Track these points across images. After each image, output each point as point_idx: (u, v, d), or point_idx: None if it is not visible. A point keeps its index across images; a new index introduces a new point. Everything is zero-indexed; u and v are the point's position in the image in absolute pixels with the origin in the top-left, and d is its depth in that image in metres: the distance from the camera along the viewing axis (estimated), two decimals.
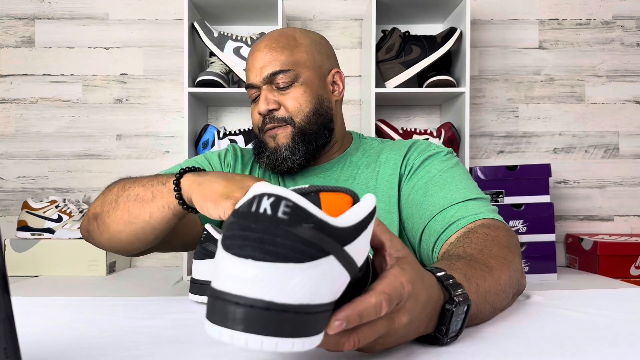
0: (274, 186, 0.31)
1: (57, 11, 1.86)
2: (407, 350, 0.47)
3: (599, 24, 1.89)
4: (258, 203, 0.30)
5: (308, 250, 0.30)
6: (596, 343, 0.50)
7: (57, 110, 1.86)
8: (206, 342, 0.50)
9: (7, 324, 0.31)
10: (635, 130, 1.89)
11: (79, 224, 1.64)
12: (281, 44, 0.89)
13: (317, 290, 0.31)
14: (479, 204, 0.78)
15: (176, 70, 1.85)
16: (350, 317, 0.34)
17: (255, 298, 0.29)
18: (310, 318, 0.31)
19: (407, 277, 0.39)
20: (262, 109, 0.88)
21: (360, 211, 0.35)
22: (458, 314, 0.46)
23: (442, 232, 0.76)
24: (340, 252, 0.32)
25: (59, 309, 0.63)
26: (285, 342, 0.30)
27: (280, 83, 0.88)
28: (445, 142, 1.68)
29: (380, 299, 0.36)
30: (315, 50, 0.92)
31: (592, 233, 1.86)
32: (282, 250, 0.29)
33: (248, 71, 0.92)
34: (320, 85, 0.92)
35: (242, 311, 0.29)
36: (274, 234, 0.30)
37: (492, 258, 0.62)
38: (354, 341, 0.36)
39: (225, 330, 0.30)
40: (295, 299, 0.30)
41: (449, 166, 0.85)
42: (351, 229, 0.33)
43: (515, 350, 0.47)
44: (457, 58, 1.72)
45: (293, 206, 0.30)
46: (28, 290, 1.39)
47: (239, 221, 0.31)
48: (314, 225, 0.30)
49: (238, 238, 0.30)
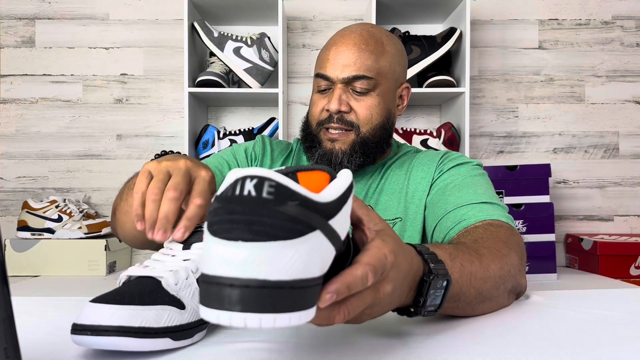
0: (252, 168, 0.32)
1: (57, 11, 1.86)
2: (407, 350, 0.47)
3: (599, 24, 1.89)
4: (242, 185, 0.31)
5: (296, 227, 0.31)
6: (596, 343, 0.50)
7: (58, 111, 1.86)
8: (207, 341, 0.50)
9: (7, 323, 0.31)
10: (635, 130, 1.89)
11: (79, 223, 1.65)
12: (370, 46, 0.86)
13: (309, 265, 0.32)
14: (493, 207, 0.78)
15: (176, 70, 1.86)
16: (339, 289, 0.35)
17: (249, 278, 0.30)
18: (305, 292, 0.32)
19: (389, 247, 0.41)
20: (333, 108, 0.86)
21: (339, 186, 0.36)
22: (436, 287, 0.47)
23: (452, 228, 0.77)
24: (325, 227, 0.33)
25: (59, 309, 0.63)
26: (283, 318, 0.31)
27: (358, 87, 0.86)
28: (445, 142, 1.68)
29: (366, 270, 0.37)
30: (397, 62, 0.90)
31: (592, 233, 1.86)
32: (270, 230, 0.30)
33: (326, 61, 0.88)
34: (391, 98, 0.91)
35: (237, 292, 0.30)
36: (260, 214, 0.30)
37: (484, 248, 0.63)
38: (344, 313, 0.37)
39: (222, 312, 0.30)
40: (288, 274, 0.30)
41: (474, 174, 0.86)
42: (333, 203, 0.35)
43: (515, 350, 0.47)
44: (457, 58, 1.72)
45: (277, 185, 0.31)
46: (28, 290, 1.39)
47: (224, 205, 0.31)
48: (299, 202, 0.31)
49: (225, 222, 0.30)
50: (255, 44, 1.66)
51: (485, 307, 0.60)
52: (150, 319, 0.45)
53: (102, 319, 0.43)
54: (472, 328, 0.54)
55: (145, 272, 0.50)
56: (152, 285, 0.48)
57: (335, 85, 0.87)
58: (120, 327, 0.43)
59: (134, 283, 0.49)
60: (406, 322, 0.56)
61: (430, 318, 0.58)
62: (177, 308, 0.48)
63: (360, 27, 0.90)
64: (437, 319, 0.58)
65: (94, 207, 1.85)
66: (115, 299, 0.45)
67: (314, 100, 0.92)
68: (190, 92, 1.61)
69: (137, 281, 0.49)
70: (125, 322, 0.44)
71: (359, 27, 0.90)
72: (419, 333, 0.52)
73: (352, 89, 0.87)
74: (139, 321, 0.44)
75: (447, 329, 0.54)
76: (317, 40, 1.88)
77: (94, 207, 1.85)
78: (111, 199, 1.85)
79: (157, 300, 0.47)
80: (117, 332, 0.43)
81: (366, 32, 0.88)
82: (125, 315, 0.44)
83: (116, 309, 0.44)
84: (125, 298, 0.46)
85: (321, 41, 1.87)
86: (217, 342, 0.50)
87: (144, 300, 0.46)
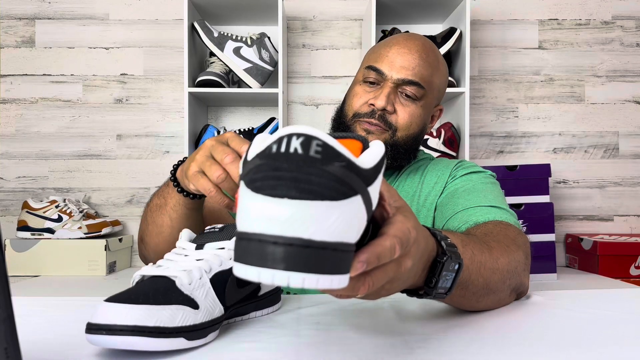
0: (299, 126, 0.31)
1: (57, 11, 1.86)
2: (407, 350, 0.47)
3: (599, 24, 1.89)
4: (287, 143, 0.30)
5: (342, 189, 0.30)
6: (596, 343, 0.50)
7: (57, 111, 1.86)
8: (217, 342, 0.50)
9: (8, 323, 0.31)
10: (634, 130, 1.89)
11: (79, 223, 1.65)
12: (430, 59, 0.88)
13: (350, 229, 0.31)
14: (502, 211, 0.78)
15: (176, 70, 1.86)
16: (370, 258, 0.35)
17: (294, 237, 0.29)
18: (345, 256, 0.31)
19: (411, 223, 0.41)
20: (379, 104, 0.85)
21: (375, 154, 0.35)
22: (448, 269, 0.47)
23: (458, 228, 0.78)
24: (365, 193, 0.32)
25: (59, 309, 0.63)
26: (325, 279, 0.30)
27: (408, 92, 0.87)
28: (445, 142, 1.68)
29: (394, 242, 0.37)
30: (443, 82, 0.93)
31: (591, 233, 1.86)
32: (317, 188, 0.29)
33: (385, 57, 0.88)
34: (428, 114, 0.93)
35: (281, 250, 0.29)
36: (308, 172, 0.29)
37: (494, 241, 0.63)
38: (369, 284, 0.37)
39: (264, 270, 0.29)
40: (333, 236, 0.30)
41: (486, 182, 0.87)
42: (371, 170, 0.34)
43: (516, 350, 0.47)
44: (457, 58, 1.72)
45: (324, 145, 0.30)
46: (28, 290, 1.39)
47: (269, 162, 0.30)
48: (345, 165, 0.30)
49: (270, 179, 0.29)
50: (255, 44, 1.66)
51: (488, 301, 0.60)
52: (165, 319, 0.45)
53: (117, 318, 0.43)
54: (472, 328, 0.54)
55: (159, 271, 0.50)
56: (166, 284, 0.48)
57: (386, 83, 0.87)
58: (135, 326, 0.43)
59: (147, 282, 0.49)
60: (407, 322, 0.56)
61: (431, 317, 0.58)
62: (191, 308, 0.48)
63: (423, 38, 0.91)
64: (438, 318, 0.58)
65: (94, 207, 1.85)
66: (130, 299, 0.45)
67: (357, 91, 0.90)
68: (190, 92, 1.61)
69: (151, 281, 0.49)
70: (140, 321, 0.44)
71: (421, 38, 0.91)
72: (420, 333, 0.52)
73: (400, 92, 0.87)
74: (154, 321, 0.44)
75: (448, 328, 0.54)
76: (317, 40, 1.88)
77: (94, 207, 1.85)
78: (111, 199, 1.85)
79: (172, 299, 0.47)
80: (132, 332, 0.43)
81: (429, 44, 0.90)
82: (140, 314, 0.44)
83: (131, 309, 0.44)
84: (140, 297, 0.46)
85: (321, 41, 1.88)
86: (217, 340, 0.50)
87: (159, 299, 0.46)
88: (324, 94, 1.88)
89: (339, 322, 0.57)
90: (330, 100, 1.87)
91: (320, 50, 1.88)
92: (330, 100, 1.87)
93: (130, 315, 0.43)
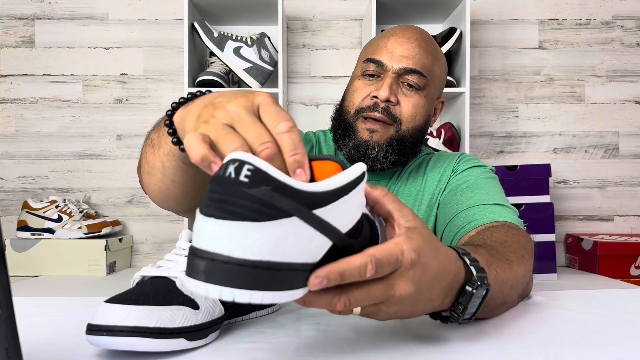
0: (245, 153, 0.33)
1: (57, 11, 1.86)
2: (407, 350, 0.47)
3: (599, 24, 1.89)
4: (225, 168, 0.33)
5: (267, 211, 0.32)
6: (596, 343, 0.50)
7: (57, 110, 1.86)
8: (217, 342, 0.50)
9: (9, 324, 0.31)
10: (635, 130, 1.89)
11: (79, 223, 1.65)
12: (429, 48, 0.85)
13: (281, 249, 0.33)
14: (505, 210, 0.78)
15: (176, 70, 1.86)
16: (330, 275, 0.35)
17: (216, 252, 0.32)
18: (284, 274, 0.33)
19: (412, 245, 0.39)
20: (383, 95, 0.81)
21: (341, 178, 0.37)
22: (477, 296, 0.46)
23: (462, 227, 0.77)
24: (306, 214, 0.34)
25: (59, 309, 0.63)
26: (257, 294, 0.33)
27: (410, 81, 0.83)
28: (445, 142, 1.68)
29: (366, 260, 0.36)
30: (443, 72, 0.90)
31: (592, 233, 1.86)
32: (239, 210, 0.32)
33: (383, 48, 0.85)
34: (431, 105, 0.89)
35: (204, 264, 0.32)
36: (233, 194, 0.32)
37: (511, 252, 0.62)
38: (345, 302, 0.37)
39: (190, 280, 0.33)
40: (255, 255, 0.32)
41: (486, 177, 0.86)
42: (324, 193, 0.35)
43: (516, 350, 0.47)
44: (457, 58, 1.72)
45: (254, 170, 0.32)
46: (28, 290, 1.39)
47: (210, 185, 0.33)
48: (272, 188, 0.32)
49: (206, 199, 0.33)
50: (255, 44, 1.66)
51: (501, 311, 0.60)
52: (165, 319, 0.45)
53: (118, 319, 0.43)
54: (473, 328, 0.54)
55: (159, 272, 0.50)
56: (166, 285, 0.48)
57: (387, 74, 0.83)
58: (135, 327, 0.43)
59: (148, 283, 0.49)
60: (407, 322, 0.56)
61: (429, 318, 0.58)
62: (191, 308, 0.48)
63: (419, 28, 0.89)
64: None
65: (93, 207, 1.85)
66: (131, 299, 0.45)
67: (357, 86, 0.87)
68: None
69: (151, 281, 0.49)
70: (141, 322, 0.44)
71: (418, 28, 0.89)
72: (420, 333, 0.52)
73: (402, 82, 0.84)
74: (154, 321, 0.44)
75: (448, 329, 0.54)
76: (317, 40, 1.88)
77: (94, 207, 1.85)
78: (111, 199, 1.85)
79: (172, 300, 0.47)
80: (132, 333, 0.43)
81: (426, 34, 0.88)
82: (140, 315, 0.44)
83: (131, 309, 0.44)
84: (140, 298, 0.46)
85: (321, 41, 1.88)
86: (217, 340, 0.50)
87: (159, 300, 0.46)
88: (324, 94, 1.88)
89: (339, 322, 0.57)
90: (331, 100, 1.87)
91: (320, 50, 1.88)
92: (330, 100, 1.87)
93: (130, 316, 0.44)
